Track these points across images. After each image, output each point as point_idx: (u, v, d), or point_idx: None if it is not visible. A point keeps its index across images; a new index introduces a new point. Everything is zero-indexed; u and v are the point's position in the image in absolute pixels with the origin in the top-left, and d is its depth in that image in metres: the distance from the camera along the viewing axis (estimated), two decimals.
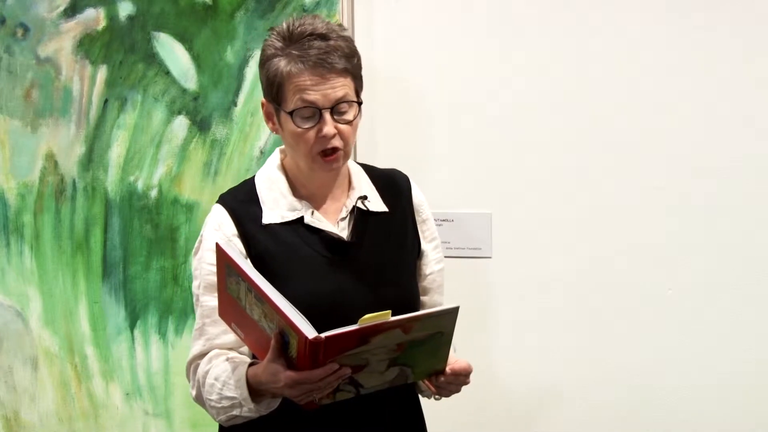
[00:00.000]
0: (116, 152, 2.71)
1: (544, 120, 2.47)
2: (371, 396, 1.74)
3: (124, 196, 2.71)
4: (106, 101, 2.70)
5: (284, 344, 1.64)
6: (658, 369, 2.47)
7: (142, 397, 2.75)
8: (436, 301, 2.01)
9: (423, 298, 1.99)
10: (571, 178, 2.47)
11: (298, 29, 1.78)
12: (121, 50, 2.67)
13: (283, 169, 1.90)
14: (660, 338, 2.46)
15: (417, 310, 1.91)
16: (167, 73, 2.65)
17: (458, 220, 2.53)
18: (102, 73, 2.69)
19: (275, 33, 1.81)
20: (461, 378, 1.81)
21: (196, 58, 2.63)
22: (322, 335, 1.56)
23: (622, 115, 2.43)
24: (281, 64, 1.77)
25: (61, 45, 2.71)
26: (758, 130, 2.37)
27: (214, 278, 1.79)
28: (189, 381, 1.88)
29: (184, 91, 2.65)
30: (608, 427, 2.51)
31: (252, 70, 2.60)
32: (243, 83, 2.61)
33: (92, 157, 2.72)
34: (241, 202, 1.88)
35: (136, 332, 2.73)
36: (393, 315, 1.63)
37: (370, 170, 1.98)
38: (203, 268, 1.85)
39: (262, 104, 1.87)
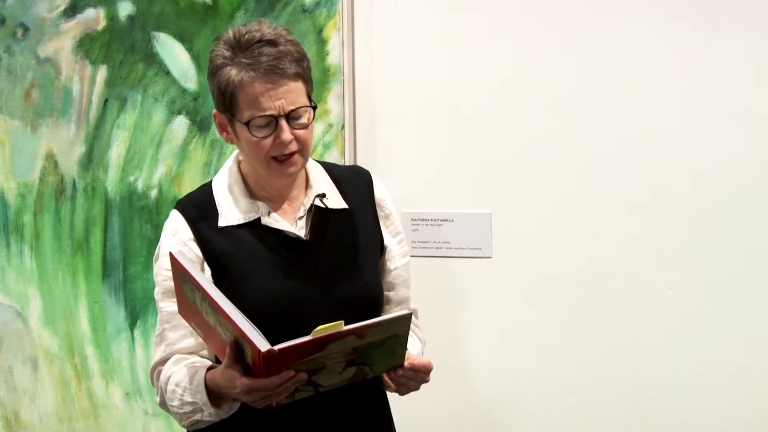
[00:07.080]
0: (116, 152, 2.71)
1: (544, 120, 2.47)
2: (335, 392, 1.74)
3: (124, 196, 2.71)
4: (106, 101, 2.70)
5: (240, 351, 1.64)
6: (658, 368, 2.46)
7: (142, 397, 2.75)
8: (402, 295, 1.99)
9: (389, 294, 1.98)
10: (571, 178, 2.47)
11: (246, 36, 1.76)
12: (121, 50, 2.67)
13: (240, 172, 1.89)
14: (660, 338, 2.46)
15: (379, 305, 1.92)
16: (167, 73, 2.65)
17: (458, 220, 2.53)
18: (102, 73, 2.69)
19: (222, 42, 1.79)
20: (420, 375, 1.79)
21: (196, 58, 2.63)
22: (275, 348, 1.57)
23: (622, 115, 2.43)
24: (232, 73, 1.76)
25: (61, 45, 2.71)
26: (758, 129, 2.37)
27: (172, 283, 1.78)
28: (154, 387, 1.88)
29: (184, 91, 2.65)
30: (608, 426, 2.51)
31: None
32: None
33: (92, 157, 2.72)
34: (198, 207, 1.87)
35: (136, 332, 2.73)
36: (354, 311, 1.65)
37: (330, 168, 1.97)
38: (161, 273, 1.85)
39: (214, 115, 1.85)
